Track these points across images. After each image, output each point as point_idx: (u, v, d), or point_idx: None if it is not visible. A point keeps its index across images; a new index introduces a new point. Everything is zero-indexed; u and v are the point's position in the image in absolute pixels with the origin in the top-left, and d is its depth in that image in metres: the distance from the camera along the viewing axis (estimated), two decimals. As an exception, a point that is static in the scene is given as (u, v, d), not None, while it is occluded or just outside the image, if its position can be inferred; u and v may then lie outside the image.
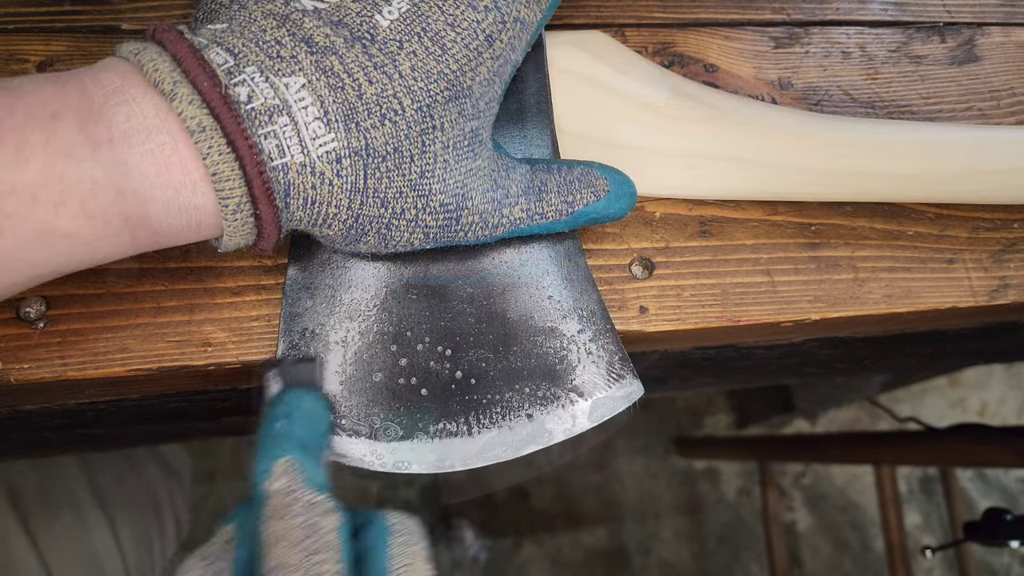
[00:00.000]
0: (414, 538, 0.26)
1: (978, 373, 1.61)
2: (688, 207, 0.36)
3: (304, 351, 0.30)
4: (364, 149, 0.25)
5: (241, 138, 0.23)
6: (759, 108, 0.36)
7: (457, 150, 0.27)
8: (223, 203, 0.24)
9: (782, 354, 0.56)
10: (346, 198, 0.26)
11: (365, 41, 0.25)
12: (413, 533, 0.26)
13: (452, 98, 0.26)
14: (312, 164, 0.24)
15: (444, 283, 0.32)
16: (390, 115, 0.25)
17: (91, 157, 0.22)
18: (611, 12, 0.38)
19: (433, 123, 0.26)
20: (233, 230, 0.25)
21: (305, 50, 0.24)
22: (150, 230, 0.24)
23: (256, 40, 0.24)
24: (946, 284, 0.37)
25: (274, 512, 0.24)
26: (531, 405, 0.31)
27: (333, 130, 0.24)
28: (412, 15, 0.26)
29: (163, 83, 0.23)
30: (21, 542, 0.56)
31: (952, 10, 0.42)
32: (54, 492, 0.60)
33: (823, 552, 1.45)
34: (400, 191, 0.26)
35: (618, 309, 0.34)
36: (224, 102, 0.23)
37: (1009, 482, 1.52)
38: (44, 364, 0.29)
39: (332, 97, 0.24)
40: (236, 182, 0.24)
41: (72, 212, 0.22)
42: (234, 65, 0.24)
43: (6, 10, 0.33)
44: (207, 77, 0.23)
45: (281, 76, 0.24)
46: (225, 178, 0.23)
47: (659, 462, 1.46)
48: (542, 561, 1.36)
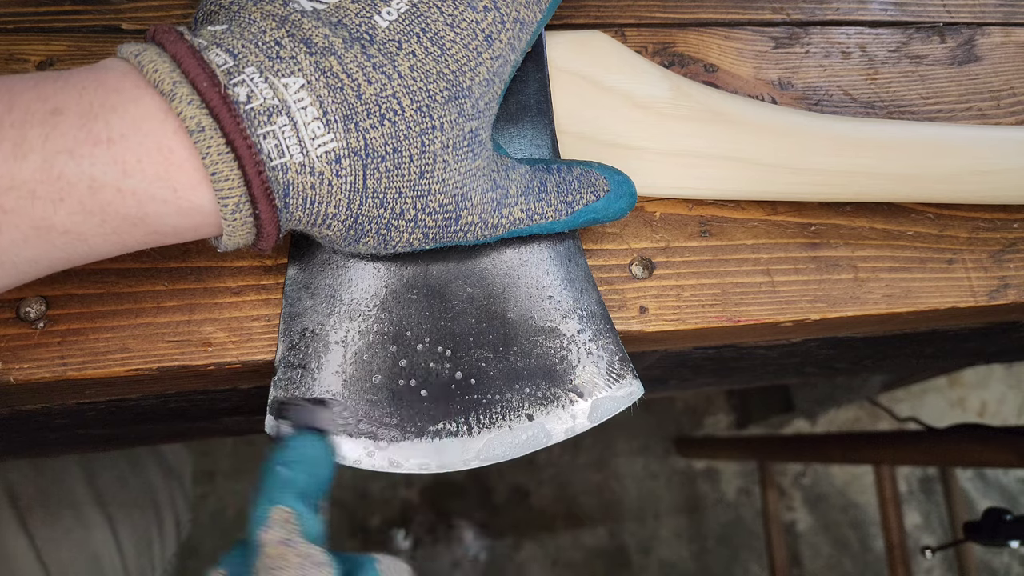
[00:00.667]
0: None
1: (978, 373, 1.61)
2: (688, 207, 0.36)
3: (305, 353, 0.30)
4: (363, 149, 0.25)
5: (240, 138, 0.23)
6: (759, 108, 0.36)
7: (456, 150, 0.27)
8: (222, 203, 0.24)
9: (782, 354, 0.56)
10: (345, 198, 0.26)
11: (364, 41, 0.25)
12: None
13: (451, 98, 0.26)
14: (311, 164, 0.24)
15: (444, 283, 0.32)
16: (389, 115, 0.25)
17: (90, 155, 0.22)
18: (611, 12, 0.38)
19: (432, 123, 0.26)
20: (232, 230, 0.25)
21: (304, 51, 0.25)
22: (148, 228, 0.24)
23: (256, 41, 0.25)
24: (946, 284, 0.37)
25: (267, 563, 0.24)
26: (531, 405, 0.31)
27: (332, 130, 0.24)
28: (411, 16, 0.26)
29: (163, 83, 0.23)
30: (20, 542, 0.56)
31: (952, 10, 0.42)
32: (53, 491, 0.60)
33: (823, 552, 1.45)
34: (399, 191, 0.26)
35: (618, 309, 0.34)
36: (223, 102, 0.23)
37: (1009, 482, 1.52)
38: (44, 364, 0.29)
39: (331, 97, 0.24)
40: (235, 182, 0.24)
41: (70, 209, 0.22)
42: (233, 66, 0.24)
43: (6, 10, 0.33)
44: (206, 77, 0.23)
45: (280, 76, 0.24)
46: (224, 178, 0.23)
47: (659, 462, 1.46)
48: (542, 561, 1.36)
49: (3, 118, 0.22)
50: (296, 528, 0.25)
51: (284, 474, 0.26)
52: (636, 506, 1.42)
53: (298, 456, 0.27)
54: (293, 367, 0.30)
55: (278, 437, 0.28)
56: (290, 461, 0.27)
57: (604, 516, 1.40)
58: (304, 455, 0.27)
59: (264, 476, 0.27)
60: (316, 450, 0.28)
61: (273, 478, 0.26)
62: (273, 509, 0.25)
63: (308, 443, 0.28)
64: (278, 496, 0.26)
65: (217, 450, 1.33)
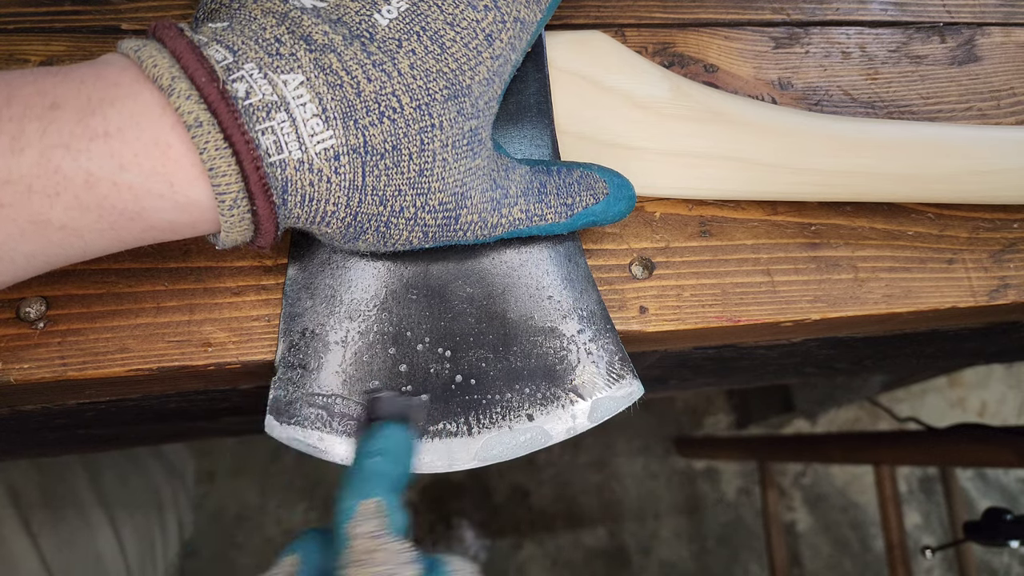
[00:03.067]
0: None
1: (978, 373, 1.61)
2: (688, 207, 0.36)
3: (305, 353, 0.30)
4: (362, 147, 0.25)
5: (238, 133, 0.23)
6: (759, 108, 0.36)
7: (456, 148, 0.27)
8: (219, 198, 0.24)
9: (782, 354, 0.56)
10: (344, 195, 0.26)
11: (364, 39, 0.25)
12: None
13: (451, 96, 0.26)
14: (310, 161, 0.24)
15: (444, 283, 0.32)
16: (388, 113, 0.25)
17: (87, 149, 0.22)
18: (611, 12, 0.38)
19: (432, 121, 0.26)
20: (230, 226, 0.25)
21: (304, 47, 0.25)
22: (145, 224, 0.24)
23: (256, 38, 0.25)
24: (946, 284, 0.37)
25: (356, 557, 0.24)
26: (531, 405, 0.31)
27: (331, 127, 0.24)
28: (411, 14, 0.26)
29: (161, 78, 0.23)
30: (22, 542, 0.56)
31: (952, 10, 0.42)
32: (56, 492, 0.60)
33: (823, 552, 1.45)
34: (399, 189, 0.26)
35: (618, 309, 0.34)
36: (221, 97, 0.23)
37: (1009, 482, 1.52)
38: (44, 364, 0.29)
39: (331, 95, 0.24)
40: (232, 177, 0.24)
41: (67, 204, 0.23)
42: (233, 62, 0.24)
43: (6, 10, 0.33)
44: (205, 73, 0.23)
45: (280, 73, 0.24)
46: (221, 173, 0.23)
47: (659, 462, 1.46)
48: (542, 561, 1.36)
49: (1, 112, 0.22)
50: (387, 520, 0.25)
51: (377, 465, 0.26)
52: (636, 506, 1.42)
53: (387, 447, 0.27)
54: (293, 367, 0.30)
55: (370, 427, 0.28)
56: (379, 452, 0.27)
57: (604, 516, 1.40)
58: (392, 446, 0.27)
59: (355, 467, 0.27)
60: (402, 441, 0.28)
61: (361, 470, 0.26)
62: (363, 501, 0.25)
63: (395, 434, 0.28)
64: (367, 488, 0.26)
65: (217, 450, 1.33)
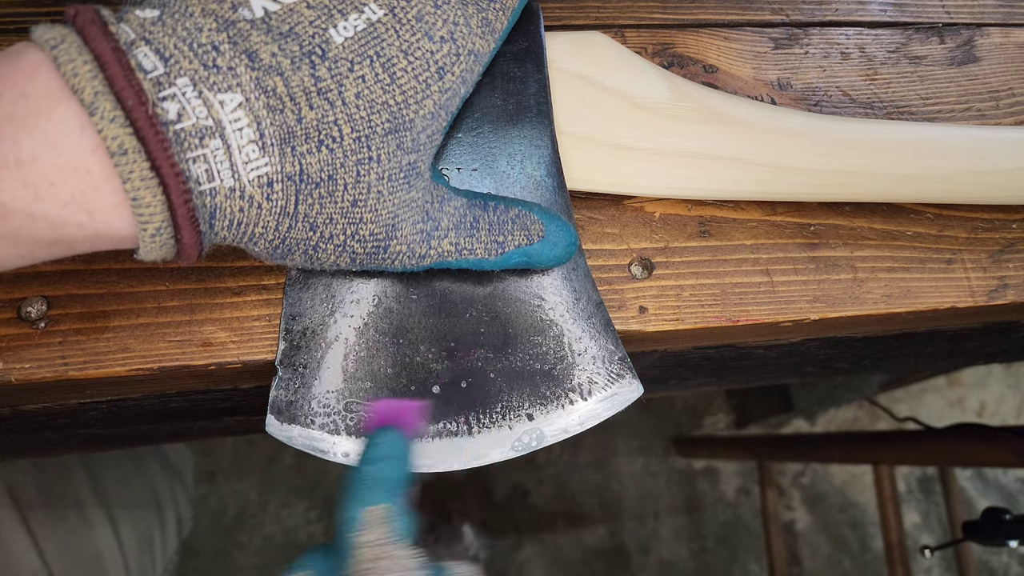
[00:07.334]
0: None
1: (977, 373, 1.61)
2: (688, 207, 0.36)
3: (306, 353, 0.31)
4: (298, 175, 0.24)
5: (167, 164, 0.21)
6: (758, 109, 0.36)
7: (392, 182, 0.26)
8: (141, 227, 0.22)
9: (781, 354, 0.56)
10: (274, 220, 0.25)
11: (315, 57, 0.24)
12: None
13: (392, 131, 0.26)
14: (242, 189, 0.23)
15: (444, 283, 0.32)
16: (328, 142, 0.24)
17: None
18: (611, 13, 0.38)
19: (370, 154, 0.25)
20: (149, 250, 0.24)
21: (246, 64, 0.23)
22: (65, 247, 0.23)
23: (190, 41, 0.22)
24: (945, 284, 0.37)
25: (363, 566, 0.24)
26: (531, 405, 0.31)
27: (268, 154, 0.23)
28: (367, 36, 0.25)
29: (83, 91, 0.21)
30: (22, 541, 0.56)
31: (951, 11, 0.42)
32: (56, 491, 0.60)
33: (822, 551, 1.45)
34: (331, 217, 0.26)
35: (618, 309, 0.34)
36: (150, 123, 0.21)
37: (1008, 482, 1.52)
38: (45, 364, 0.29)
39: (270, 119, 0.23)
40: (157, 208, 0.22)
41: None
42: (163, 74, 0.22)
43: (6, 10, 0.33)
44: (133, 93, 0.21)
45: (216, 92, 0.22)
46: (146, 204, 0.22)
47: (659, 462, 1.46)
48: (542, 560, 1.36)
49: None
50: (393, 527, 0.25)
51: (380, 471, 0.26)
52: (635, 505, 1.42)
53: (386, 452, 0.27)
54: (294, 367, 0.30)
55: (371, 433, 0.28)
56: (379, 458, 0.26)
57: (604, 515, 1.41)
58: (392, 451, 0.27)
59: (357, 473, 0.26)
60: (401, 446, 0.27)
61: (368, 475, 0.26)
62: (368, 509, 0.25)
63: (396, 438, 0.27)
64: (371, 495, 0.25)
65: (218, 450, 1.33)
